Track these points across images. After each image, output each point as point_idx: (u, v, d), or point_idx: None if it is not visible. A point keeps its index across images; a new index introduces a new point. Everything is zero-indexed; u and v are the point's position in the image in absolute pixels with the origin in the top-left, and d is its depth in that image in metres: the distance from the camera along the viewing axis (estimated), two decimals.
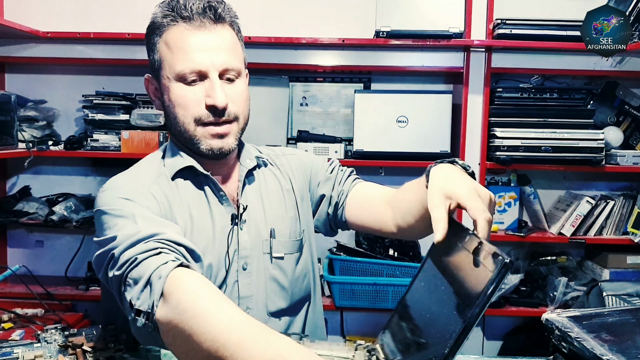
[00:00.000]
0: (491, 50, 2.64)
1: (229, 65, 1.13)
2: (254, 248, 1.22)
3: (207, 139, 1.15)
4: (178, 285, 0.86)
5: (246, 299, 1.20)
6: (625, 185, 2.87)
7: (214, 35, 1.12)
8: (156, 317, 0.86)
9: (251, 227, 1.22)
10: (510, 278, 2.66)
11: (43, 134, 2.69)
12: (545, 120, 2.61)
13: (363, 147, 2.62)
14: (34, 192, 2.85)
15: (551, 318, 1.03)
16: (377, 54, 2.75)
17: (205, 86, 1.12)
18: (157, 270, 0.89)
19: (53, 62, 2.76)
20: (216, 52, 1.11)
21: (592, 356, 0.88)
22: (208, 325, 0.80)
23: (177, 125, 1.16)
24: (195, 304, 0.82)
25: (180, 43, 1.11)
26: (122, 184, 1.15)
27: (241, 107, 1.17)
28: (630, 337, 0.95)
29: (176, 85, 1.13)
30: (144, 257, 0.92)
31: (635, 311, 1.07)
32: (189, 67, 1.11)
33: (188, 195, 1.19)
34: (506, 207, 2.81)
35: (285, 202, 1.30)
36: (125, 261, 0.93)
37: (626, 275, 2.66)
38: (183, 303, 0.83)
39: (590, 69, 2.67)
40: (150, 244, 0.94)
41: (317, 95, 2.87)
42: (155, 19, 1.16)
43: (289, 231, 1.27)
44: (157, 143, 2.63)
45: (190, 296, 0.84)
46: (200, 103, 1.12)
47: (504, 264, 0.67)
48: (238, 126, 1.18)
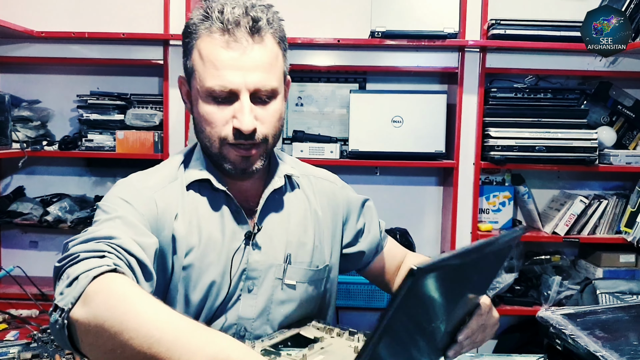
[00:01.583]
0: (485, 51, 2.65)
1: (262, 85, 1.06)
2: (265, 271, 1.16)
3: (232, 159, 1.10)
4: (108, 284, 0.82)
5: (245, 320, 1.15)
6: (619, 184, 2.88)
7: (249, 51, 1.05)
8: (72, 316, 0.80)
9: (266, 249, 1.16)
10: (505, 277, 2.67)
11: (37, 134, 2.69)
12: (539, 120, 2.62)
13: (358, 147, 2.63)
14: (28, 193, 2.85)
15: (545, 316, 1.04)
16: (372, 54, 2.76)
17: (234, 106, 1.06)
18: (90, 270, 0.83)
19: (47, 61, 2.75)
20: (249, 72, 1.05)
21: (585, 353, 0.88)
22: (141, 320, 0.74)
23: (203, 138, 1.12)
24: (127, 301, 0.77)
25: (212, 57, 1.05)
26: (132, 184, 1.12)
27: (271, 128, 1.11)
28: (623, 333, 0.96)
29: (205, 100, 1.08)
30: (86, 255, 0.88)
31: (628, 308, 1.08)
32: (219, 84, 1.05)
33: (200, 206, 1.14)
34: (500, 207, 2.83)
35: (309, 229, 1.22)
36: (69, 255, 0.89)
37: (619, 274, 2.68)
38: (113, 300, 0.78)
39: (584, 69, 2.69)
40: (99, 245, 0.90)
41: (312, 95, 2.87)
42: (191, 22, 1.10)
43: (309, 260, 1.21)
44: (152, 143, 2.63)
45: (121, 294, 0.80)
46: (228, 123, 1.07)
47: (409, 272, 0.61)
48: (266, 147, 1.12)
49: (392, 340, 0.68)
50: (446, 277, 0.71)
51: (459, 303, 0.87)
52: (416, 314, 0.71)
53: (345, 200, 1.32)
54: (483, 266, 0.84)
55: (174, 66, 2.68)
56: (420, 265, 0.60)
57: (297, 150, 2.66)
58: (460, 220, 2.70)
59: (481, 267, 0.84)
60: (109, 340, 0.75)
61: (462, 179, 2.68)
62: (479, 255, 0.78)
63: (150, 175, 1.16)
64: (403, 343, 0.73)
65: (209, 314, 1.13)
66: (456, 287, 0.80)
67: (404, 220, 2.85)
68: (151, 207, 1.08)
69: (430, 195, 2.93)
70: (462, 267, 0.75)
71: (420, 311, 0.72)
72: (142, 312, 0.75)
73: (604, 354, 0.86)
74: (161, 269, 1.10)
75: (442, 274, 0.69)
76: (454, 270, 0.72)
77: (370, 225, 1.36)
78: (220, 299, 1.13)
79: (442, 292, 0.73)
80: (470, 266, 0.77)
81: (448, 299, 0.78)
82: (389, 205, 2.89)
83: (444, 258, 0.67)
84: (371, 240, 1.35)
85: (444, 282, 0.72)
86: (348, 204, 1.32)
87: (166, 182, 1.14)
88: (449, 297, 0.78)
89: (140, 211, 1.05)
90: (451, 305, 0.82)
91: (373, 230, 1.35)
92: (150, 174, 1.17)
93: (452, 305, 0.82)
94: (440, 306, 0.77)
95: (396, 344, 0.71)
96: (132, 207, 1.05)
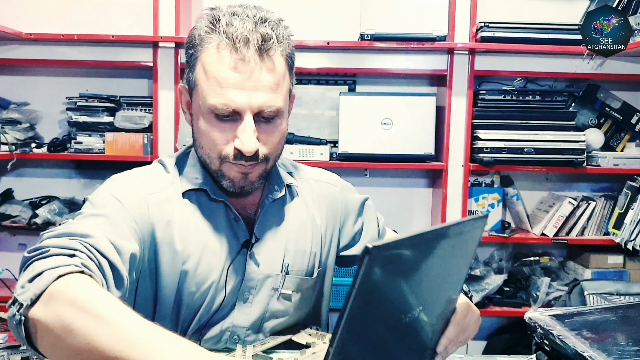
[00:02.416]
0: (474, 53, 2.67)
1: (267, 106, 1.02)
2: (262, 281, 1.14)
3: (231, 176, 1.07)
4: (73, 285, 0.78)
5: (239, 328, 1.13)
6: (606, 186, 2.91)
7: (257, 73, 1.00)
8: (31, 314, 0.77)
9: (264, 260, 1.14)
10: (494, 278, 2.69)
11: (26, 136, 2.67)
12: (528, 122, 2.64)
13: (348, 149, 2.64)
14: (17, 195, 2.82)
15: (534, 317, 1.04)
16: (361, 57, 2.76)
17: (237, 125, 1.02)
18: (56, 269, 0.80)
19: (36, 63, 2.74)
20: (255, 92, 1.00)
21: (573, 353, 0.89)
22: (112, 324, 0.73)
23: (202, 153, 1.08)
24: (94, 304, 0.75)
25: (217, 74, 1.00)
26: (128, 181, 1.09)
27: (273, 149, 1.07)
28: (611, 334, 0.97)
29: (207, 117, 1.03)
30: (56, 251, 0.84)
31: (616, 309, 1.09)
32: (222, 103, 1.00)
33: (197, 214, 1.11)
34: (489, 209, 2.84)
35: (307, 237, 1.20)
36: (40, 247, 0.85)
37: (607, 275, 2.70)
38: (79, 303, 0.75)
39: (572, 71, 2.71)
40: (72, 243, 0.87)
41: (302, 97, 2.87)
42: (196, 32, 1.04)
43: (306, 268, 1.19)
44: (141, 145, 2.62)
45: (89, 296, 0.76)
46: (229, 142, 1.03)
47: (364, 250, 0.61)
48: (266, 166, 1.09)
49: (363, 331, 0.68)
50: (407, 260, 0.71)
51: (433, 295, 0.85)
52: (383, 302, 0.70)
53: (344, 203, 1.30)
54: (448, 252, 0.82)
55: (163, 68, 2.67)
56: (376, 243, 0.60)
57: (287, 152, 2.66)
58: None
59: (446, 253, 0.82)
60: (74, 343, 0.73)
61: (451, 180, 2.69)
62: (438, 237, 0.78)
63: (147, 176, 1.13)
64: (376, 337, 0.73)
65: (202, 321, 1.12)
66: (423, 275, 0.78)
67: (393, 222, 2.84)
68: (143, 210, 1.05)
69: (420, 197, 2.94)
70: (422, 249, 0.74)
71: (386, 299, 0.71)
72: (112, 316, 0.74)
73: (592, 354, 0.87)
74: (152, 274, 1.08)
75: (401, 257, 0.69)
76: (414, 253, 0.72)
77: (369, 226, 1.34)
78: (214, 307, 1.11)
79: (407, 278, 0.73)
80: (432, 250, 0.77)
81: (415, 287, 0.76)
82: (379, 207, 2.86)
83: (400, 238, 0.67)
84: (369, 241, 1.34)
85: (405, 266, 0.71)
86: (346, 206, 1.30)
87: (163, 185, 1.11)
88: (416, 284, 0.77)
89: (130, 212, 1.02)
90: (423, 296, 0.80)
91: (371, 230, 1.34)
92: (148, 174, 1.14)
93: (424, 297, 0.80)
94: (408, 295, 0.75)
95: (368, 337, 0.71)
96: (123, 206, 1.02)
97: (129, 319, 0.75)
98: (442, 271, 0.84)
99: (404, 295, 0.74)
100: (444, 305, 0.91)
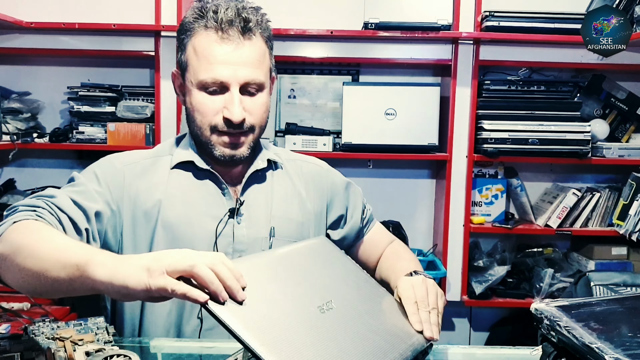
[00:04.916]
0: (479, 43, 2.64)
1: (251, 79, 1.16)
2: (251, 244, 1.22)
3: (220, 146, 1.19)
4: (27, 224, 0.98)
5: None
6: (611, 177, 2.89)
7: (240, 48, 1.15)
8: None
9: (251, 224, 1.23)
10: (497, 270, 2.68)
11: (28, 126, 2.66)
12: (533, 112, 2.62)
13: (351, 140, 2.62)
14: (19, 185, 2.82)
15: (540, 307, 1.03)
16: (365, 46, 2.74)
17: (225, 97, 1.16)
18: (16, 215, 1.00)
19: (37, 53, 2.72)
20: (240, 67, 1.15)
21: (581, 344, 0.88)
22: (59, 242, 0.91)
23: (195, 127, 1.21)
24: (43, 232, 0.96)
25: (206, 52, 1.15)
26: (110, 158, 1.23)
27: (258, 119, 1.21)
28: (618, 325, 0.96)
29: (198, 91, 1.17)
30: (23, 209, 1.03)
31: (623, 300, 1.08)
32: (211, 77, 1.15)
33: (185, 181, 1.23)
34: (493, 200, 2.83)
35: (293, 206, 1.29)
36: (13, 206, 1.04)
37: (611, 266, 2.69)
38: (31, 232, 0.95)
39: (577, 61, 2.68)
40: (38, 202, 1.05)
41: (305, 87, 2.86)
42: (186, 20, 1.19)
43: (295, 235, 1.26)
44: (143, 135, 2.62)
45: (39, 228, 0.97)
46: (218, 113, 1.17)
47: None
48: (253, 136, 1.22)
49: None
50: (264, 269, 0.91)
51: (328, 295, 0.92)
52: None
53: (330, 184, 1.37)
54: (297, 268, 0.97)
55: (165, 58, 2.65)
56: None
57: (290, 143, 2.65)
58: (453, 212, 2.70)
59: (295, 269, 0.96)
60: (22, 260, 0.90)
61: (455, 171, 2.68)
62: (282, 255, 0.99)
63: (131, 153, 1.26)
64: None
65: None
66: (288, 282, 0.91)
67: (396, 213, 2.85)
68: (119, 179, 1.19)
69: (423, 188, 2.93)
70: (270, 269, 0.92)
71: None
72: (52, 235, 0.95)
73: (599, 345, 0.86)
74: (137, 237, 1.19)
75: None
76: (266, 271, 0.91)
77: (354, 211, 1.39)
78: None
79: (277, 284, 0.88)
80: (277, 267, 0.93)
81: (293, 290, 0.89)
82: (382, 198, 2.89)
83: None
84: (352, 226, 1.39)
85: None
86: (332, 187, 1.37)
87: (146, 156, 1.24)
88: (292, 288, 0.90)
89: (104, 181, 1.17)
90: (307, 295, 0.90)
91: (355, 215, 1.39)
92: (134, 152, 1.27)
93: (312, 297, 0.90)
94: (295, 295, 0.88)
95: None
96: (98, 181, 1.17)
97: (67, 239, 0.94)
98: (308, 278, 0.95)
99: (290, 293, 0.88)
100: (363, 302, 0.98)
